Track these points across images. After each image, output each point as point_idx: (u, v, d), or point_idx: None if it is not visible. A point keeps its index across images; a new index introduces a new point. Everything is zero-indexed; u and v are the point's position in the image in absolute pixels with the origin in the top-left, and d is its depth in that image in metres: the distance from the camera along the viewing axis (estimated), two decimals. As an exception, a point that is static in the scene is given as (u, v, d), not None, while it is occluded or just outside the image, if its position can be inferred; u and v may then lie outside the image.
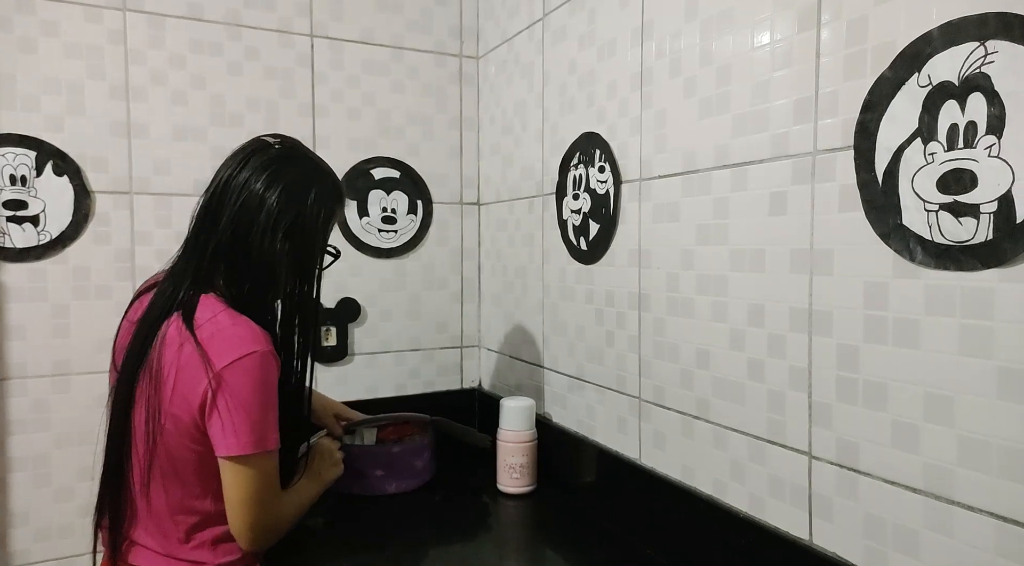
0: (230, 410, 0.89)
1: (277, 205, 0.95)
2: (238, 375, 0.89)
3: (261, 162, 0.97)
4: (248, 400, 0.89)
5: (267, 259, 0.96)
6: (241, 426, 0.89)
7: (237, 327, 0.92)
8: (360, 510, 1.22)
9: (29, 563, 1.32)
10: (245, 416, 0.89)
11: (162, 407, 0.91)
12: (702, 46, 0.97)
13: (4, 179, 1.27)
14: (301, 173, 0.99)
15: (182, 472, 0.94)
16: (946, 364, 0.68)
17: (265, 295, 0.99)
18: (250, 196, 0.95)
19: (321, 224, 1.00)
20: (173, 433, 0.92)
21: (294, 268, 0.99)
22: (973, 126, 0.65)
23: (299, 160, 1.01)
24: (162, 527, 0.96)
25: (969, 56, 0.65)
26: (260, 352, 0.91)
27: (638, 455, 1.13)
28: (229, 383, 0.89)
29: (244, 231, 0.95)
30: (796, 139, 0.83)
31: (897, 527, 0.73)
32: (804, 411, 0.83)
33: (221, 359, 0.89)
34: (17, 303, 1.29)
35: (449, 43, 1.65)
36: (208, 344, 0.90)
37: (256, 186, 0.95)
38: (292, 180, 0.97)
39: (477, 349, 1.72)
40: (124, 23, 1.35)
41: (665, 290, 1.05)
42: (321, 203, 0.99)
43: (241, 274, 0.97)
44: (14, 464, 1.31)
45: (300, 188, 0.98)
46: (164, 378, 0.91)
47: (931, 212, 0.68)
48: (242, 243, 0.95)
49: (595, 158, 1.21)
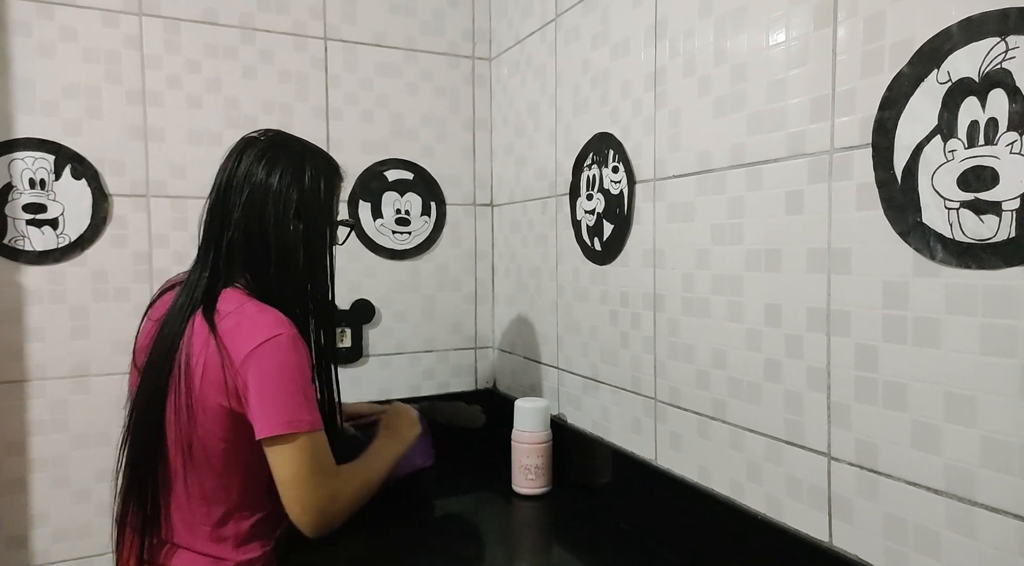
0: (259, 393, 0.90)
1: (281, 188, 0.98)
2: (264, 358, 0.90)
3: (255, 154, 1.00)
4: (276, 381, 0.91)
5: (285, 243, 0.98)
6: (272, 407, 0.90)
7: (263, 314, 0.94)
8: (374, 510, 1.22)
9: (49, 563, 1.34)
10: (275, 397, 0.90)
11: (193, 398, 0.93)
12: (716, 44, 0.96)
13: (23, 183, 1.29)
14: (294, 153, 1.02)
15: (214, 463, 0.95)
16: (968, 364, 0.67)
17: (288, 281, 1.00)
18: (255, 187, 0.98)
19: (324, 197, 1.02)
20: (204, 423, 0.93)
21: (310, 248, 1.00)
22: (994, 123, 0.64)
23: (289, 143, 1.04)
24: (187, 521, 0.97)
25: (989, 52, 0.64)
26: (286, 334, 0.92)
27: (654, 456, 1.12)
28: (257, 366, 0.90)
29: (257, 221, 0.97)
30: (813, 138, 0.82)
31: (918, 528, 0.72)
32: (823, 412, 0.82)
33: (247, 344, 0.91)
34: (37, 305, 1.31)
35: (462, 45, 1.66)
36: (234, 332, 0.92)
37: (259, 176, 0.98)
38: (288, 161, 1.00)
39: (491, 350, 1.72)
40: (140, 28, 1.37)
41: (680, 290, 1.05)
42: (319, 177, 1.02)
43: (262, 264, 0.99)
44: (34, 465, 1.32)
45: (297, 167, 1.00)
46: (193, 370, 0.93)
47: (951, 210, 0.67)
48: (257, 233, 0.98)
49: (609, 158, 1.21)
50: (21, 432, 1.31)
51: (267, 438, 0.90)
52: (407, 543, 1.12)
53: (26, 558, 1.32)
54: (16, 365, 1.30)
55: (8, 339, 1.29)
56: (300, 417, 0.91)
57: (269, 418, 0.90)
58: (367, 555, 1.08)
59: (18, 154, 1.28)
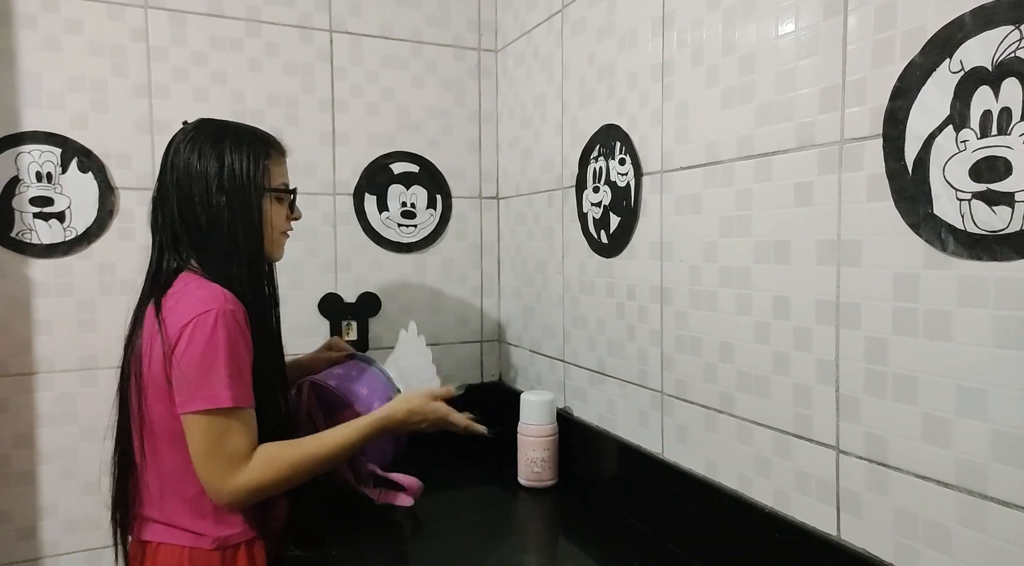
0: (181, 369, 0.93)
1: (202, 166, 1.01)
2: (189, 335, 0.93)
3: (180, 141, 1.03)
4: (196, 357, 0.92)
5: (213, 218, 1.00)
6: (189, 384, 0.92)
7: (200, 290, 0.97)
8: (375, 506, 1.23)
9: (58, 554, 1.35)
10: (193, 373, 0.92)
11: (144, 378, 0.97)
12: (724, 35, 0.96)
13: (30, 176, 1.29)
14: (213, 133, 1.04)
15: (175, 439, 0.96)
16: (979, 357, 0.66)
17: (231, 257, 1.01)
18: (181, 170, 1.01)
19: (247, 169, 1.02)
20: (158, 401, 0.96)
21: (235, 219, 1.01)
22: (1007, 112, 0.63)
23: (210, 125, 1.06)
24: (164, 496, 0.99)
25: (1003, 40, 0.63)
26: (214, 310, 0.94)
27: (661, 449, 1.12)
28: (182, 343, 0.93)
29: (187, 202, 1.01)
30: (822, 128, 0.81)
31: (928, 522, 0.72)
32: (831, 405, 0.82)
33: (179, 322, 0.94)
34: (44, 298, 1.31)
35: (467, 37, 1.65)
36: (173, 311, 0.95)
37: (183, 159, 1.01)
38: (206, 141, 1.02)
39: (497, 343, 1.72)
40: (146, 20, 1.37)
41: (687, 283, 1.04)
42: (241, 149, 1.03)
43: (201, 243, 1.01)
44: (42, 457, 1.33)
45: (217, 144, 1.02)
46: (144, 351, 0.97)
47: (963, 201, 0.67)
48: (190, 214, 1.01)
49: (615, 150, 1.20)
50: (30, 424, 1.32)
51: (184, 414, 0.93)
52: (412, 535, 1.12)
53: (35, 549, 1.33)
54: (24, 358, 1.31)
55: (16, 332, 1.30)
56: (216, 394, 0.92)
57: (184, 394, 0.92)
58: (372, 546, 1.09)
59: (25, 147, 1.28)
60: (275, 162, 1.07)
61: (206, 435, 0.93)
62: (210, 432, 0.93)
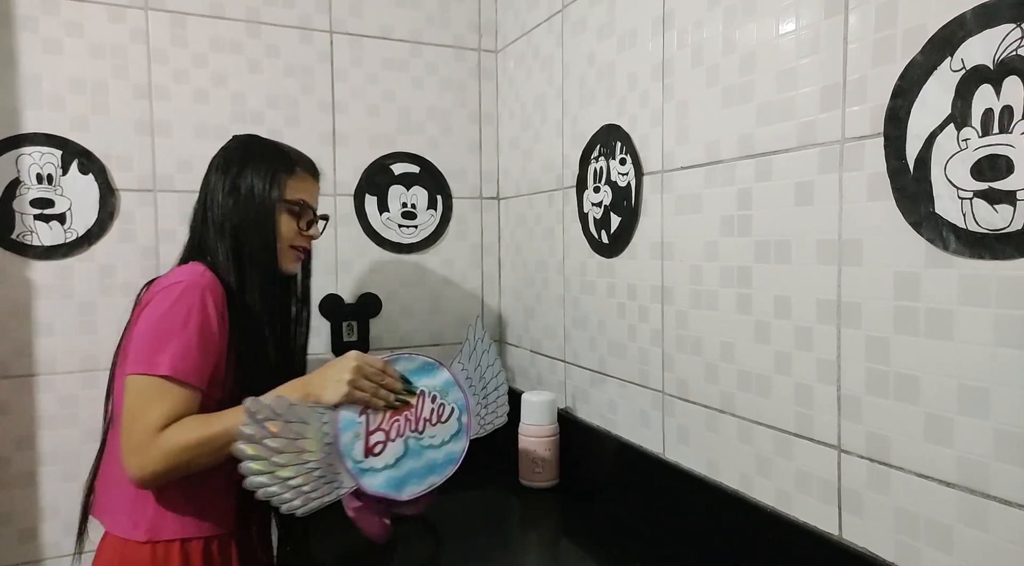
0: (138, 332, 0.94)
1: (221, 171, 1.06)
2: (155, 302, 0.94)
3: (216, 159, 1.09)
4: (152, 323, 0.93)
5: (222, 218, 1.03)
6: (139, 347, 0.92)
7: (180, 267, 1.00)
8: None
9: (59, 555, 1.34)
10: (143, 337, 0.93)
11: (119, 358, 1.00)
12: (725, 34, 0.96)
13: (31, 178, 1.29)
14: (238, 147, 1.09)
15: None
16: (981, 356, 0.66)
17: (244, 264, 1.03)
18: (208, 185, 1.07)
19: (264, 178, 1.05)
20: (120, 381, 0.97)
21: (254, 227, 1.04)
22: (1009, 111, 0.63)
23: (243, 141, 1.11)
24: (113, 486, 0.99)
25: (1005, 38, 0.63)
26: (184, 282, 0.95)
27: (662, 449, 1.12)
28: (147, 309, 0.94)
29: (212, 206, 1.05)
30: (823, 127, 0.81)
31: (930, 522, 0.72)
32: (833, 404, 0.82)
33: (153, 290, 0.96)
34: (45, 300, 1.31)
35: (468, 37, 1.65)
36: (154, 288, 0.97)
37: (212, 177, 1.07)
38: (231, 155, 1.08)
39: (498, 344, 1.72)
40: (146, 22, 1.37)
41: (688, 283, 1.04)
42: (265, 159, 1.07)
43: (212, 244, 1.03)
44: (44, 459, 1.33)
45: (238, 157, 1.07)
46: (129, 335, 0.99)
47: (965, 200, 0.66)
48: (213, 218, 1.04)
49: (616, 150, 1.20)
50: (31, 426, 1.32)
51: (125, 378, 0.93)
52: (413, 536, 1.12)
53: (36, 551, 1.33)
54: (25, 360, 1.31)
55: (17, 334, 1.30)
56: (156, 360, 0.90)
57: (132, 357, 0.92)
58: (372, 546, 1.08)
59: (25, 149, 1.28)
60: (298, 178, 1.10)
61: (132, 401, 0.90)
62: (137, 397, 0.89)
